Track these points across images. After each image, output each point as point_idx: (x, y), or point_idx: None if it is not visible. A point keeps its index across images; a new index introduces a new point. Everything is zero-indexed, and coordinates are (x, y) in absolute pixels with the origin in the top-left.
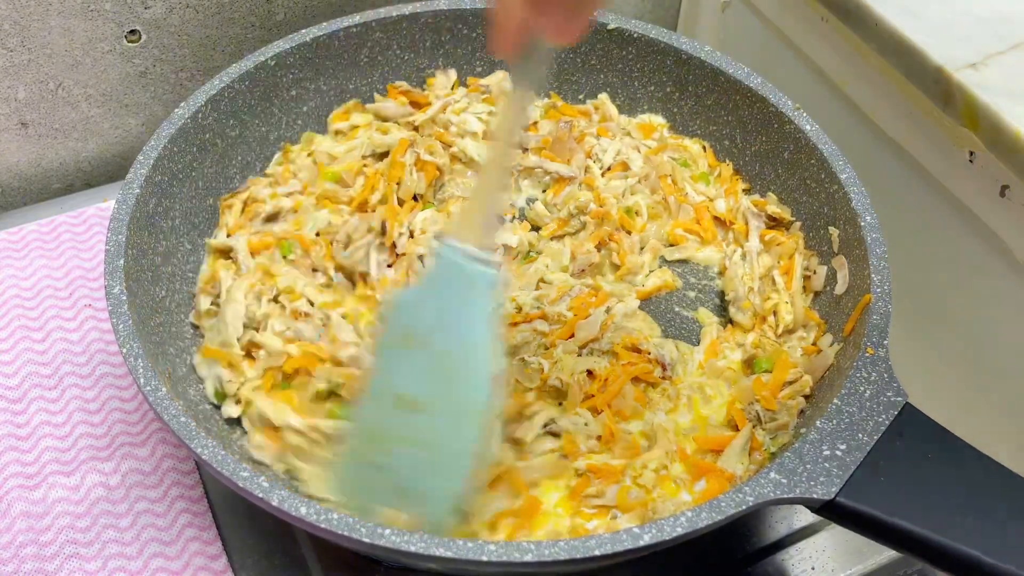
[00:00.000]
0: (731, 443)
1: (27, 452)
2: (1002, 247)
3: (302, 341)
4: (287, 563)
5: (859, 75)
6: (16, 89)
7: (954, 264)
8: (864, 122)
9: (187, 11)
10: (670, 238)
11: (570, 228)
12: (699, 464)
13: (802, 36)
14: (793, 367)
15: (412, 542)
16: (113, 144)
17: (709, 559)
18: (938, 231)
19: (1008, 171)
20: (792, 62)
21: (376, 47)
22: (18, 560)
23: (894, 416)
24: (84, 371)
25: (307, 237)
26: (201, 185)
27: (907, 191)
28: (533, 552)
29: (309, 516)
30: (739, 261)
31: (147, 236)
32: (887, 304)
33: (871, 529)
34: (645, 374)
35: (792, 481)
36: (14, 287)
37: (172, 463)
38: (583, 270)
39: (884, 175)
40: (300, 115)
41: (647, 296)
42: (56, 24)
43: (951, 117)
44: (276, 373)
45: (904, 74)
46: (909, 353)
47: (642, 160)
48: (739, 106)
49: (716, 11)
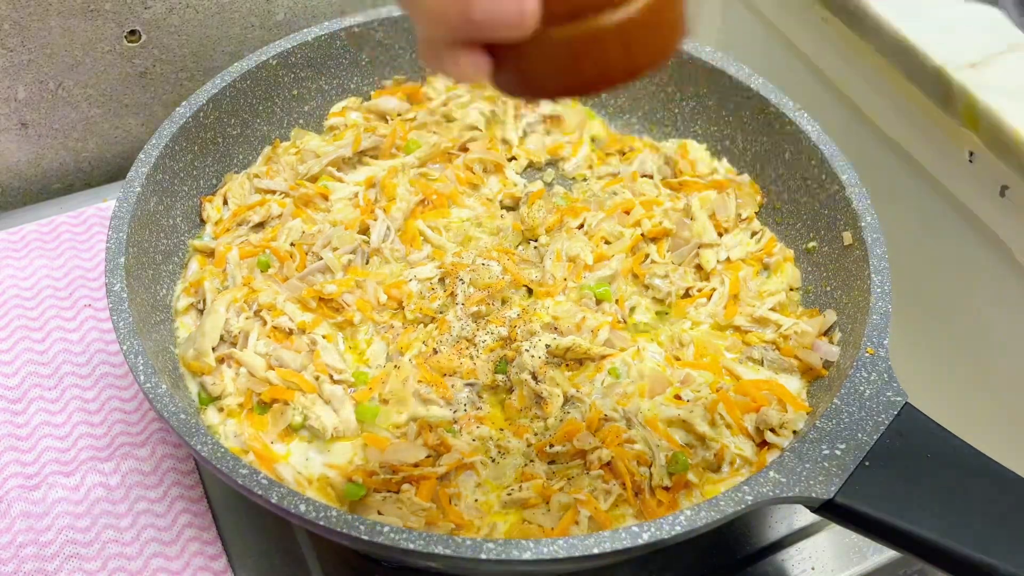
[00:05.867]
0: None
1: (27, 452)
2: (1002, 247)
3: (284, 368)
4: (287, 562)
5: (859, 75)
6: (16, 89)
7: (954, 264)
8: (864, 122)
9: (187, 11)
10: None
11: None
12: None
13: (802, 36)
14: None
15: (411, 539)
16: (113, 144)
17: (709, 559)
18: (938, 231)
19: (1008, 171)
20: (792, 62)
21: (378, 47)
22: (18, 560)
23: (894, 416)
24: (84, 371)
25: (281, 248)
26: (202, 184)
27: (907, 191)
28: (532, 550)
29: (308, 513)
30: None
31: (148, 234)
32: (887, 304)
33: (870, 529)
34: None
35: (791, 480)
36: (14, 287)
37: (172, 463)
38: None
39: (884, 175)
40: (301, 114)
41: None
42: (56, 24)
43: (951, 117)
44: (254, 396)
45: (904, 74)
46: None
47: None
48: (740, 107)
49: (716, 11)
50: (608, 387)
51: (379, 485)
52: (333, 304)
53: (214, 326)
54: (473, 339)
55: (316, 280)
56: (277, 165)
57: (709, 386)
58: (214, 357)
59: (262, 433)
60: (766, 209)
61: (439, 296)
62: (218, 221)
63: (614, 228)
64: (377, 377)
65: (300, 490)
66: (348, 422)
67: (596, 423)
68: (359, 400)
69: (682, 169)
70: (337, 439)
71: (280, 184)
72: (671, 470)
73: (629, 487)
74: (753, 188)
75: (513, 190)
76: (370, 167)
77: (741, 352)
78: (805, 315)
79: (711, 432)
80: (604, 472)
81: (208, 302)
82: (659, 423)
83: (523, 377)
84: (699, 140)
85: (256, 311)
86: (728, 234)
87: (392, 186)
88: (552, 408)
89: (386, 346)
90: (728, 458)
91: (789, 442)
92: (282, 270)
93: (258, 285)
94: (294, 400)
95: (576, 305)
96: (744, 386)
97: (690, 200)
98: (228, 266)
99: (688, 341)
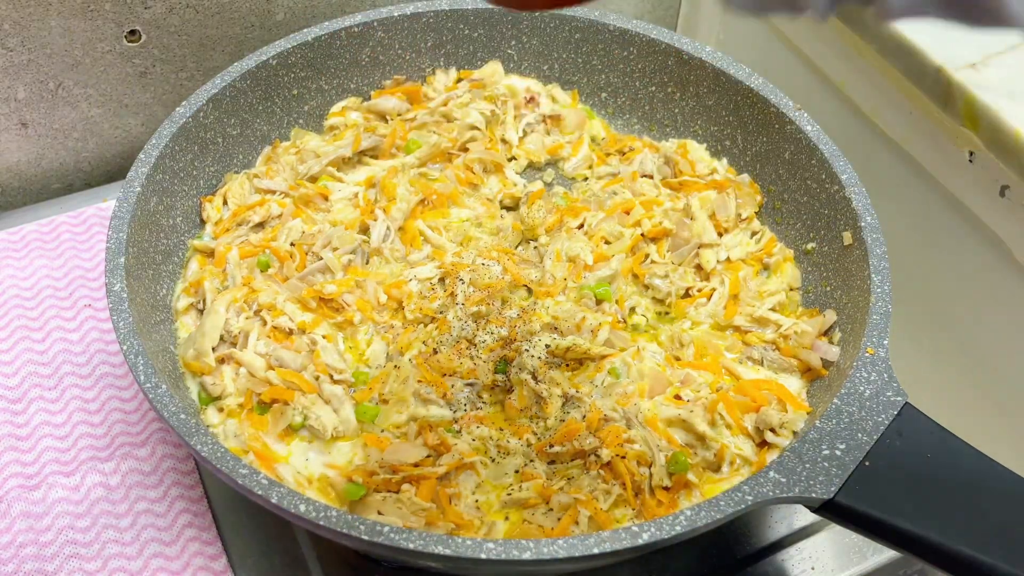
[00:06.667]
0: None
1: (27, 452)
2: (1002, 247)
3: (284, 369)
4: (287, 562)
5: (859, 75)
6: (16, 89)
7: (954, 264)
8: (864, 122)
9: (187, 11)
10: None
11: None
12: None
13: (802, 36)
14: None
15: (411, 539)
16: (113, 144)
17: (709, 559)
18: (938, 231)
19: (1008, 171)
20: (792, 62)
21: (378, 47)
22: (18, 560)
23: (894, 416)
24: (84, 371)
25: (281, 248)
26: (202, 184)
27: (907, 191)
28: (532, 550)
29: (308, 513)
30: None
31: (148, 234)
32: (887, 304)
33: (870, 528)
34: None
35: (791, 480)
36: (14, 287)
37: (172, 463)
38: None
39: (884, 175)
40: (302, 114)
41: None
42: (56, 24)
43: (951, 117)
44: (254, 396)
45: (904, 74)
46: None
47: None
48: (740, 106)
49: (716, 11)
50: (608, 387)
51: (379, 485)
52: (333, 304)
53: (214, 326)
54: (473, 339)
55: (316, 280)
56: (277, 165)
57: (709, 386)
58: (214, 357)
59: (262, 433)
60: (766, 209)
61: (439, 296)
62: (218, 221)
63: (614, 228)
64: (377, 377)
65: (300, 490)
66: (348, 422)
67: (596, 423)
68: (359, 400)
69: (682, 169)
70: (337, 439)
71: (280, 184)
72: (671, 470)
73: (629, 487)
74: (753, 188)
75: (513, 190)
76: (370, 167)
77: (741, 352)
78: (805, 315)
79: (711, 432)
80: (604, 472)
81: (208, 302)
82: (659, 423)
83: (523, 377)
84: (699, 140)
85: (256, 311)
86: (728, 234)
87: (392, 186)
88: (552, 408)
89: (386, 346)
90: (728, 458)
91: (789, 442)
92: (282, 270)
93: (258, 285)
94: (294, 400)
95: (576, 305)
96: (744, 386)
97: (690, 200)
98: (228, 266)
99: (688, 341)
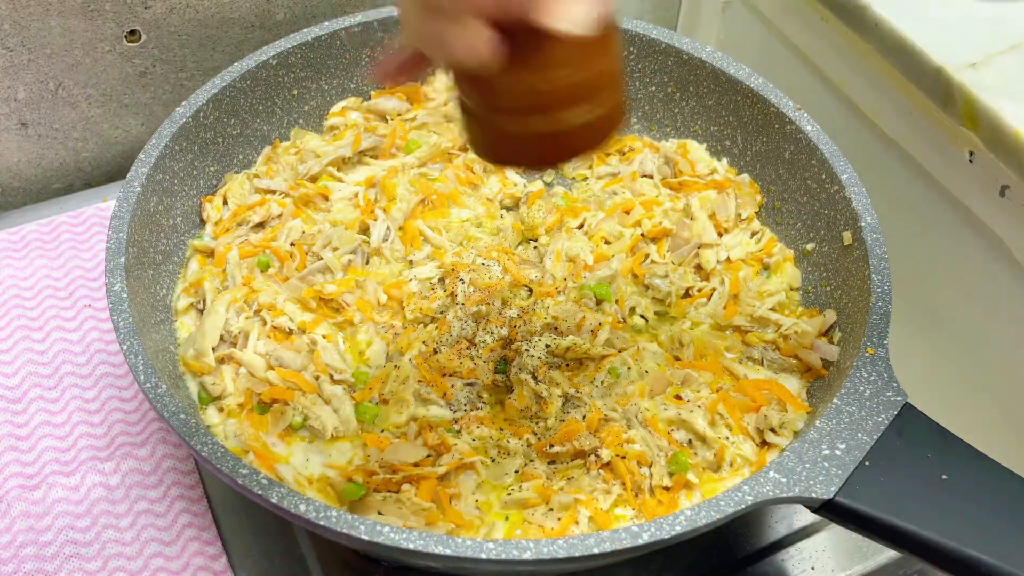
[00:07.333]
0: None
1: (27, 452)
2: (1002, 247)
3: (284, 369)
4: (287, 563)
5: (859, 75)
6: (16, 89)
7: (954, 264)
8: (864, 122)
9: (187, 11)
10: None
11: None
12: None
13: (802, 36)
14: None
15: (411, 539)
16: (113, 144)
17: (709, 559)
18: (938, 231)
19: (1008, 171)
20: (792, 62)
21: (379, 46)
22: (18, 560)
23: (893, 416)
24: (84, 371)
25: (281, 248)
26: (202, 184)
27: (907, 191)
28: (532, 550)
29: (308, 513)
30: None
31: (148, 234)
32: (887, 304)
33: (870, 529)
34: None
35: (791, 480)
36: (14, 287)
37: (172, 463)
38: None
39: (884, 175)
40: (302, 114)
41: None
42: (56, 24)
43: (951, 117)
44: (254, 396)
45: (904, 74)
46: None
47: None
48: (740, 107)
49: (716, 11)
50: (608, 387)
51: (379, 485)
52: (333, 304)
53: (214, 326)
54: (473, 339)
55: (316, 280)
56: (277, 165)
57: (709, 386)
58: (214, 357)
59: (262, 433)
60: (766, 209)
61: (439, 296)
62: (218, 221)
63: (614, 228)
64: (377, 377)
65: (300, 490)
66: (348, 422)
67: (596, 423)
68: (359, 400)
69: (682, 169)
70: (337, 439)
71: (280, 184)
72: (671, 470)
73: (629, 487)
74: (753, 188)
75: (513, 190)
76: (370, 167)
77: (741, 352)
78: (805, 315)
79: (711, 432)
80: (604, 472)
81: (208, 302)
82: (659, 423)
83: (523, 377)
84: (699, 140)
85: (256, 311)
86: (728, 234)
87: (392, 186)
88: (552, 408)
89: (386, 346)
90: (728, 458)
91: (789, 442)
92: (282, 270)
93: (258, 285)
94: (294, 400)
95: (576, 305)
96: (744, 386)
97: (690, 200)
98: (228, 266)
99: (688, 341)
